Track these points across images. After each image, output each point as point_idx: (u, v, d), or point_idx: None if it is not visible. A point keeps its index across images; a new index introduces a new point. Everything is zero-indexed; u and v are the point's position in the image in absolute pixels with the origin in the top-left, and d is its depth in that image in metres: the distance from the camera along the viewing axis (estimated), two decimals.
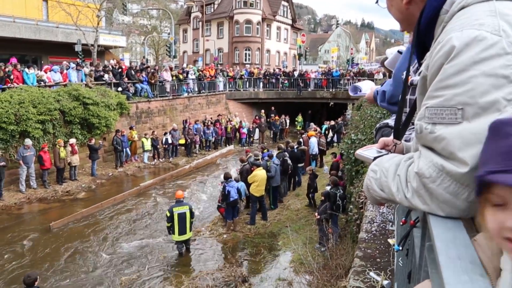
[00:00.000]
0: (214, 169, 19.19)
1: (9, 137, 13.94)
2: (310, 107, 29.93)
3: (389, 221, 5.80)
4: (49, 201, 14.17)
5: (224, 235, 11.23)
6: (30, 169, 14.32)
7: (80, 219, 12.36)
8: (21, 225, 11.92)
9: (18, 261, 9.71)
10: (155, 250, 10.43)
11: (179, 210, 9.80)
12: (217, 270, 9.14)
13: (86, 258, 9.95)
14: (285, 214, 12.82)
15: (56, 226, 11.69)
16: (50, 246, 10.58)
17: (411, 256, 2.00)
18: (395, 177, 1.15)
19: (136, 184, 16.15)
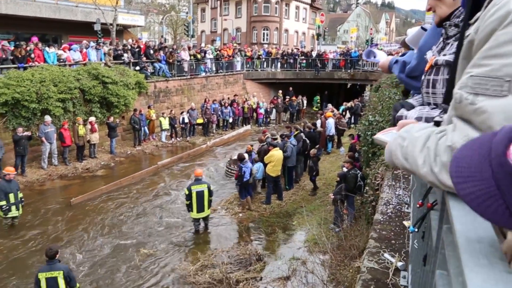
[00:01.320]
0: (230, 149, 19.25)
1: (31, 115, 14.20)
2: (328, 88, 29.56)
3: (405, 203, 5.74)
4: (69, 178, 14.47)
5: (239, 213, 11.33)
6: (52, 146, 14.60)
7: (99, 196, 12.60)
8: (43, 201, 12.23)
9: (41, 235, 10.00)
10: (171, 227, 10.60)
11: (197, 188, 9.90)
12: (232, 248, 9.24)
13: (104, 233, 10.18)
14: (300, 194, 12.83)
15: (76, 202, 11.97)
16: (70, 221, 10.84)
17: (427, 238, 1.96)
18: (423, 149, 1.09)
19: (154, 162, 16.34)
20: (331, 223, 9.90)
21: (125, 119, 18.68)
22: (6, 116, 13.83)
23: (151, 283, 7.93)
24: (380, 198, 6.19)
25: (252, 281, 7.72)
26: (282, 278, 7.82)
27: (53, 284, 6.40)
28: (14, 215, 10.11)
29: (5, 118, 13.83)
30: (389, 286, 3.92)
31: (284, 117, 26.17)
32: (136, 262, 8.64)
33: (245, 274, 7.95)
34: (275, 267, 8.27)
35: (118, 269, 8.45)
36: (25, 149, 13.53)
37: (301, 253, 8.87)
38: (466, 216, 0.98)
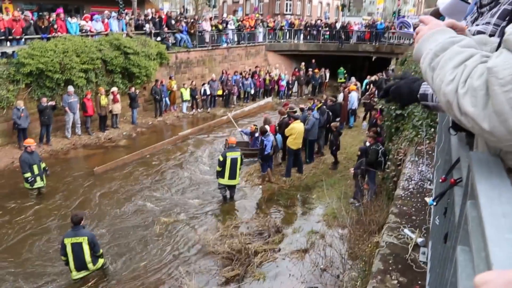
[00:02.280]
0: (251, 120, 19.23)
1: (55, 86, 14.43)
2: (351, 61, 28.94)
3: (428, 179, 5.66)
4: (92, 147, 14.80)
5: (259, 185, 11.42)
6: (75, 116, 14.89)
7: (121, 165, 12.88)
8: (68, 170, 12.58)
9: (65, 202, 10.34)
10: (192, 197, 10.77)
11: (232, 155, 10.08)
12: (252, 219, 9.37)
13: (125, 202, 10.44)
14: (320, 168, 12.81)
15: (99, 171, 12.27)
16: (93, 189, 11.15)
17: (449, 215, 1.93)
18: (459, 66, 1.03)
19: (174, 133, 16.51)
20: (351, 198, 9.89)
21: (146, 90, 18.82)
22: (31, 86, 14.10)
23: (169, 251, 8.14)
24: (402, 174, 6.12)
25: (270, 253, 7.85)
26: (300, 250, 7.92)
27: (78, 249, 6.66)
28: (39, 185, 10.39)
29: (30, 88, 14.11)
30: (408, 261, 3.92)
31: (306, 90, 25.88)
32: (156, 231, 8.86)
33: (263, 245, 8.07)
34: (294, 240, 8.37)
35: (137, 237, 8.69)
36: (50, 118, 13.84)
37: (320, 227, 8.92)
38: (492, 191, 0.95)
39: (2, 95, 13.15)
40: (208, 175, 12.07)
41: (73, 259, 6.71)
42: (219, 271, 7.32)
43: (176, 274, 7.28)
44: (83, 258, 6.72)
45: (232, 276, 7.10)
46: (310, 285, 6.84)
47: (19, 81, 13.68)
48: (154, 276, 7.31)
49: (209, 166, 12.95)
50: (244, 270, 7.22)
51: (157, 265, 7.64)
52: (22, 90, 13.87)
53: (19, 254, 7.99)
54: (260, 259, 7.55)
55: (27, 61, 13.50)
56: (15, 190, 10.78)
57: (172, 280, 7.17)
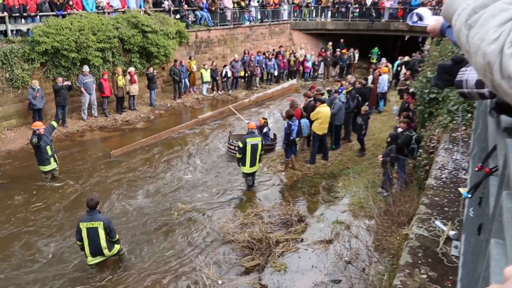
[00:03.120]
0: (274, 104, 19.18)
1: (70, 65, 14.72)
2: (382, 41, 28.34)
3: (462, 168, 5.56)
4: (109, 129, 15.08)
5: (282, 172, 11.44)
6: (92, 97, 15.17)
7: (138, 149, 13.09)
8: (84, 152, 12.88)
9: (82, 186, 10.61)
10: (211, 183, 10.89)
11: (252, 141, 10.10)
12: (273, 207, 9.42)
13: (142, 186, 10.65)
14: (347, 155, 12.73)
15: (116, 154, 12.51)
16: (109, 173, 11.40)
17: (484, 205, 1.90)
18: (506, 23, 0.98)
19: (194, 116, 16.65)
20: (379, 187, 9.82)
21: (165, 70, 18.95)
22: (46, 65, 14.41)
23: (188, 239, 8.28)
24: (434, 162, 6.04)
25: (293, 242, 7.89)
26: (324, 241, 7.95)
27: (94, 234, 6.87)
28: (53, 167, 10.65)
29: (45, 68, 14.43)
30: (439, 255, 3.89)
31: (332, 71, 25.58)
32: (174, 218, 9.01)
33: (285, 235, 8.12)
34: (317, 230, 8.39)
35: (154, 224, 8.86)
36: (65, 99, 14.12)
37: (345, 217, 8.92)
38: None
39: (17, 74, 13.50)
40: (227, 160, 12.16)
41: (88, 244, 6.92)
42: (239, 261, 7.42)
43: (195, 262, 7.40)
44: (98, 243, 6.92)
45: (252, 266, 7.18)
46: (334, 277, 6.88)
47: (34, 60, 13.99)
48: (171, 264, 7.46)
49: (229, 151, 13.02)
50: (264, 260, 7.30)
51: (175, 253, 7.79)
52: (37, 69, 14.21)
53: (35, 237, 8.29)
54: (281, 249, 7.61)
55: (42, 39, 13.74)
56: (30, 172, 11.11)
57: (191, 269, 7.30)
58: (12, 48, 13.48)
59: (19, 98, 13.84)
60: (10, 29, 14.21)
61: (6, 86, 13.42)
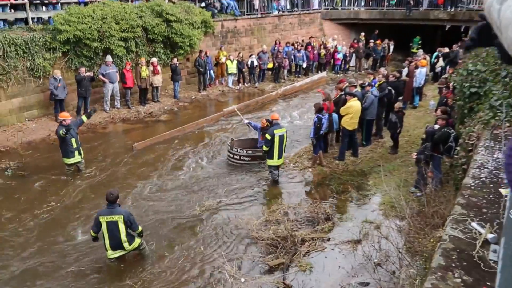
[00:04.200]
0: (302, 98, 19.11)
1: (93, 54, 15.02)
2: (420, 31, 27.74)
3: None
4: (132, 121, 15.35)
5: (309, 169, 11.41)
6: (114, 88, 15.45)
7: (162, 142, 13.28)
8: (106, 144, 13.17)
9: (103, 179, 10.85)
10: (236, 178, 10.96)
11: (279, 132, 10.18)
12: (299, 204, 9.41)
13: (165, 181, 10.80)
14: (378, 152, 12.58)
15: (139, 147, 12.73)
16: (131, 166, 11.61)
17: None
18: None
19: (219, 109, 16.77)
20: (412, 186, 9.68)
21: (189, 61, 19.12)
22: (68, 55, 14.73)
23: (211, 235, 8.36)
24: (473, 161, 5.91)
25: (319, 242, 7.87)
26: (352, 241, 7.90)
27: (114, 227, 7.01)
28: (77, 160, 10.85)
29: (67, 57, 14.75)
30: (475, 258, 3.81)
31: (365, 63, 25.27)
32: (197, 213, 9.12)
33: (311, 233, 8.11)
34: (345, 229, 8.35)
35: (177, 219, 8.98)
36: (87, 90, 14.44)
37: (375, 216, 8.85)
38: None
39: (38, 64, 13.83)
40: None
41: (108, 237, 7.08)
42: (263, 259, 7.44)
43: (217, 259, 7.47)
44: (119, 237, 7.07)
45: (276, 265, 7.20)
46: (362, 280, 6.83)
47: (56, 49, 14.31)
48: (193, 261, 7.55)
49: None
50: (289, 259, 7.31)
51: (197, 250, 7.88)
52: (58, 58, 14.54)
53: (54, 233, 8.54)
54: (307, 248, 7.61)
55: (64, 27, 14.02)
56: (51, 164, 11.43)
57: (213, 266, 7.37)
58: (33, 37, 13.75)
59: (40, 88, 14.19)
60: (31, 16, 14.52)
61: (27, 76, 13.74)
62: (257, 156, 11.50)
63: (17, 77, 13.40)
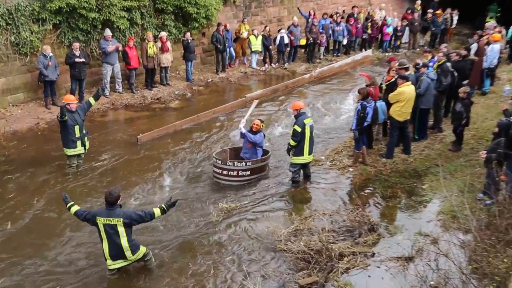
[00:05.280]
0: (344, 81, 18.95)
1: (90, 27, 15.15)
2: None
3: None
4: (136, 108, 15.49)
5: (349, 168, 11.32)
6: (115, 69, 15.59)
7: (171, 133, 13.38)
8: (105, 135, 13.32)
9: (101, 176, 10.94)
10: (260, 178, 10.92)
11: (309, 122, 10.22)
12: (337, 211, 9.31)
13: (175, 179, 10.85)
14: (436, 148, 12.35)
15: (144, 139, 12.82)
16: (135, 161, 11.70)
17: None
18: None
19: (241, 94, 16.79)
20: (479, 192, 9.48)
21: (205, 36, 19.16)
22: (60, 27, 14.83)
23: (229, 246, 8.34)
24: None
25: (361, 257, 7.76)
26: (402, 258, 7.77)
27: (112, 231, 6.99)
28: (79, 152, 10.88)
29: (59, 30, 14.87)
30: None
31: (421, 39, 24.89)
32: (213, 219, 9.12)
33: (351, 246, 7.98)
34: (393, 243, 8.21)
35: (189, 225, 9.01)
36: (82, 71, 14.51)
37: (432, 228, 8.69)
38: None
39: (25, 38, 13.89)
40: (281, 150, 12.13)
41: (108, 244, 7.09)
42: (292, 276, 7.36)
43: (238, 274, 7.45)
44: (119, 243, 7.05)
45: (309, 284, 7.09)
46: None
47: (46, 20, 14.35)
48: (209, 276, 7.54)
49: (282, 138, 13.10)
50: (324, 277, 7.20)
51: (213, 263, 7.86)
52: (49, 32, 14.64)
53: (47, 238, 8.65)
54: (346, 265, 7.48)
55: None
56: (40, 159, 11.60)
57: (233, 282, 7.35)
58: (18, 5, 13.74)
59: (27, 68, 14.32)
60: None
61: (12, 52, 13.83)
62: (257, 168, 10.81)
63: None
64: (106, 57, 15.17)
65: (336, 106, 16.18)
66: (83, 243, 8.36)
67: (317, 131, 12.64)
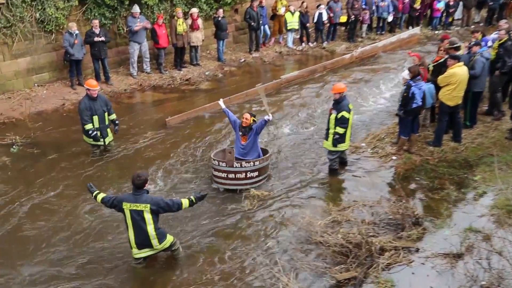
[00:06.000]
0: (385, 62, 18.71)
1: (117, 4, 15.37)
2: None
3: None
4: (164, 90, 15.68)
5: (392, 156, 11.22)
6: (143, 47, 15.75)
7: (202, 116, 13.54)
8: (132, 118, 13.55)
9: (126, 161, 11.15)
10: (295, 162, 11.03)
11: (351, 107, 10.26)
12: (379, 202, 9.24)
13: (205, 164, 10.94)
14: (491, 135, 12.10)
15: (172, 122, 13.01)
16: (163, 145, 11.86)
17: None
18: None
19: (275, 75, 16.75)
20: None
21: (238, 13, 19.13)
22: (87, 3, 15.08)
23: (262, 236, 8.43)
24: None
25: (404, 252, 7.70)
26: (449, 254, 7.68)
27: (139, 218, 7.08)
28: (99, 143, 11.04)
29: (85, 7, 15.12)
30: None
31: (476, 15, 24.32)
32: (245, 207, 9.23)
33: (394, 241, 7.92)
34: (440, 238, 8.14)
35: (219, 214, 9.10)
36: (102, 51, 14.65)
37: (484, 224, 8.53)
38: None
39: (50, 15, 14.15)
40: (319, 135, 12.13)
41: (133, 231, 7.20)
42: (328, 270, 7.34)
43: (270, 266, 7.48)
44: (145, 231, 7.14)
45: (346, 279, 7.10)
46: None
47: None
48: (241, 267, 7.62)
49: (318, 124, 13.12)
50: (363, 272, 7.19)
51: (245, 253, 7.96)
52: (75, 8, 14.92)
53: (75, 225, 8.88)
54: (388, 260, 7.43)
55: None
56: (66, 141, 11.88)
57: (265, 274, 7.41)
58: None
59: (52, 46, 14.64)
60: None
61: (37, 30, 14.15)
62: (263, 168, 10.09)
63: (24, 31, 13.85)
64: (133, 35, 15.32)
65: (379, 89, 16.01)
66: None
67: (357, 116, 12.57)
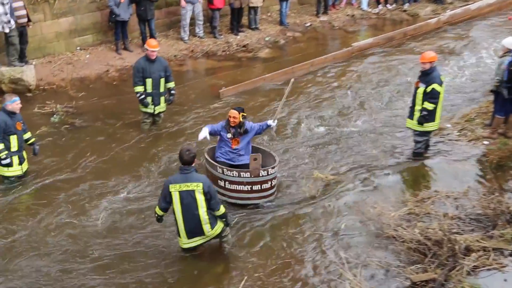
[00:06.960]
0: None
1: None
2: None
3: None
4: (219, 57, 15.68)
5: (484, 140, 10.90)
6: (196, 8, 15.68)
7: (259, 88, 13.45)
8: (182, 88, 13.47)
9: (173, 136, 11.20)
10: (367, 146, 10.91)
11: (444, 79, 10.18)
12: (465, 194, 8.99)
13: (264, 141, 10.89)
14: None
15: (226, 94, 12.98)
16: (216, 120, 11.72)
17: None
18: None
19: (346, 43, 16.59)
20: None
21: None
22: None
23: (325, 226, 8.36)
24: None
25: (495, 254, 7.43)
26: None
27: (190, 200, 6.93)
28: (149, 111, 11.00)
29: None
30: None
31: None
32: (307, 192, 9.14)
33: (483, 240, 7.67)
34: None
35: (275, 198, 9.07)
36: (148, 10, 14.61)
37: None
38: None
39: None
40: (400, 115, 11.96)
41: (182, 217, 7.06)
42: (402, 269, 7.23)
43: (335, 261, 7.43)
44: (196, 215, 6.99)
45: (424, 281, 6.92)
46: None
47: None
48: (302, 261, 7.59)
49: (396, 100, 12.99)
50: (444, 274, 6.98)
51: (305, 246, 7.89)
52: None
53: None
54: (474, 262, 7.20)
55: None
56: (111, 111, 12.07)
57: (328, 270, 7.37)
58: None
59: (96, 5, 14.74)
60: None
61: None
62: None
63: None
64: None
65: (471, 61, 15.65)
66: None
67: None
